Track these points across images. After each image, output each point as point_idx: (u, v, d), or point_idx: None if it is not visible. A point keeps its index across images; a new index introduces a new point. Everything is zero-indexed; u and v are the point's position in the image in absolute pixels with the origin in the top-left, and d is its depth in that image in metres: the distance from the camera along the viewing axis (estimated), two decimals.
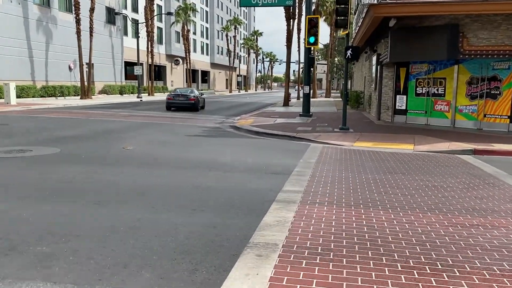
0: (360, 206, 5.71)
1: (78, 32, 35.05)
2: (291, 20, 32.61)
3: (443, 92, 16.86)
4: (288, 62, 33.45)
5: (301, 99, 47.72)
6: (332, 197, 6.12)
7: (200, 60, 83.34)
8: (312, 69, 24.31)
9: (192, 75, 79.79)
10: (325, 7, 52.22)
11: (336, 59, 67.92)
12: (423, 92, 17.45)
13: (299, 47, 50.47)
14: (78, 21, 34.96)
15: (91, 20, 36.59)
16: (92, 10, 36.38)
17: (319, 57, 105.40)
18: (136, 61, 51.78)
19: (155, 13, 52.96)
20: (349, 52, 14.30)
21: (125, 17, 49.11)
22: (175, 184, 6.88)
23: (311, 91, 55.98)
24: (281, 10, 30.26)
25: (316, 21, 19.72)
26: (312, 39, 19.76)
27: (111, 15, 47.64)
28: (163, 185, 6.77)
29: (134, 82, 55.20)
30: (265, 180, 7.23)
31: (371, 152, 11.18)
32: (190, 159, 9.24)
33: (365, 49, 26.96)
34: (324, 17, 58.03)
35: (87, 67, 38.58)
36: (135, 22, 43.76)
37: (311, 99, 48.96)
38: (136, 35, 42.34)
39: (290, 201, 5.76)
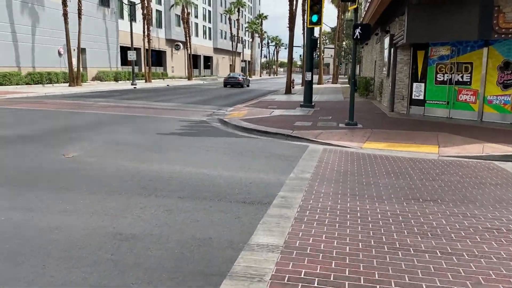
0: None
1: (65, 14, 32.53)
2: (294, 0, 29.82)
3: (468, 80, 14.24)
4: (291, 46, 30.76)
5: None
6: (328, 266, 3.71)
7: (202, 45, 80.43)
8: (315, 52, 21.67)
9: (194, 61, 77.15)
10: None
11: (344, 42, 64.79)
12: (445, 79, 14.84)
13: (304, 29, 47.53)
14: (64, 2, 32.41)
15: (79, 1, 34.02)
16: None
17: (327, 41, 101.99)
18: (134, 46, 49.32)
19: None
20: (357, 31, 11.72)
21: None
22: (79, 232, 4.44)
23: (317, 77, 53.33)
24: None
25: None
26: (314, 18, 17.13)
27: None
28: (62, 234, 4.38)
29: (130, 67, 52.81)
30: (228, 219, 4.80)
31: (385, 158, 8.71)
32: (140, 173, 6.85)
33: (376, 31, 24.27)
34: None
35: (78, 52, 36.20)
36: (130, 4, 41.07)
37: (316, 86, 46.44)
38: (130, 17, 39.72)
39: (255, 277, 3.35)
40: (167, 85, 43.88)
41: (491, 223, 4.75)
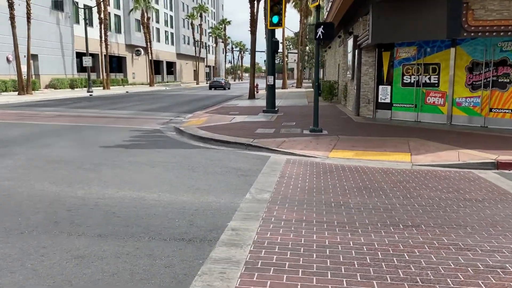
0: None
1: (12, 18, 30.33)
2: (255, 2, 28.93)
3: (436, 81, 13.62)
4: (253, 50, 29.79)
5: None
6: None
7: (164, 51, 78.51)
8: (278, 57, 20.76)
9: (157, 66, 75.19)
10: None
11: (307, 47, 64.65)
12: (412, 81, 14.18)
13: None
14: (11, 5, 30.23)
15: (28, 4, 31.92)
16: None
17: (290, 46, 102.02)
18: (91, 52, 47.17)
19: None
20: (320, 30, 10.79)
21: (75, 3, 44.22)
22: None
23: (280, 81, 52.68)
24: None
25: None
26: (275, 19, 16.23)
27: (58, 0, 42.76)
28: None
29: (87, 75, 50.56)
30: (155, 270, 3.60)
31: (355, 169, 7.76)
32: (60, 200, 5.59)
33: (339, 33, 23.66)
34: (293, 3, 54.60)
35: (27, 58, 33.99)
36: (85, 8, 39.06)
37: (281, 90, 45.72)
38: (85, 21, 37.72)
39: None
40: (126, 91, 42.07)
41: (492, 258, 3.80)
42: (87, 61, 36.97)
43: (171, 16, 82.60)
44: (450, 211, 5.26)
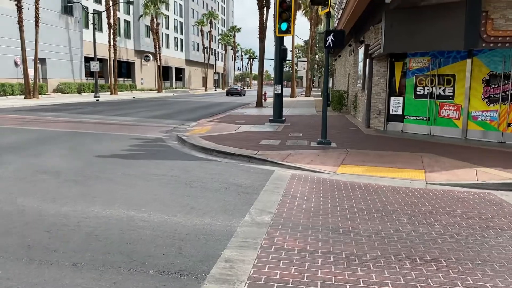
0: None
1: (20, 22, 30.31)
2: (264, 9, 28.54)
3: (451, 94, 13.02)
4: (262, 57, 29.36)
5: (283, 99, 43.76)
6: None
7: (173, 57, 78.54)
8: (286, 65, 20.29)
9: (165, 72, 75.20)
10: None
11: (317, 55, 64.17)
12: (425, 93, 13.59)
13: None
14: (19, 9, 30.22)
15: (36, 8, 31.85)
16: None
17: (300, 54, 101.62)
18: (99, 57, 47.14)
19: (117, 2, 48.24)
20: (330, 38, 10.28)
21: (85, 8, 44.22)
22: None
23: (289, 90, 52.09)
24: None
25: (289, 3, 15.71)
26: (284, 26, 15.76)
27: (68, 4, 42.80)
28: None
29: (98, 79, 50.52)
30: None
31: (364, 187, 7.19)
32: (41, 219, 5.11)
33: (349, 42, 23.16)
34: (303, 11, 54.22)
35: (38, 62, 33.89)
36: (93, 12, 38.99)
37: (289, 99, 45.17)
38: (93, 25, 37.62)
39: None
40: (134, 97, 41.85)
41: None
42: (95, 66, 36.80)
43: (180, 23, 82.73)
44: (473, 242, 4.67)
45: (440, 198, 6.65)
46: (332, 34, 10.34)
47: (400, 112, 14.34)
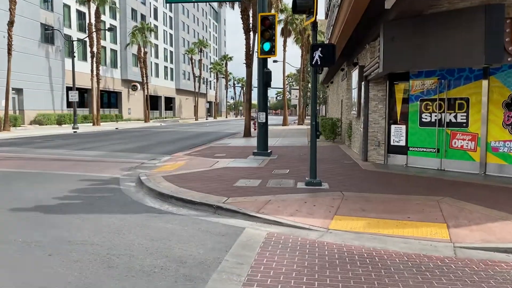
0: None
1: None
2: (251, 33, 26.81)
3: (464, 120, 10.91)
4: (249, 84, 27.44)
5: (270, 128, 41.66)
6: None
7: (163, 86, 76.95)
8: (269, 89, 18.27)
9: (155, 102, 73.50)
10: (294, 25, 46.90)
11: (309, 84, 62.65)
12: (433, 120, 11.48)
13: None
14: None
15: (9, 35, 29.94)
16: (11, 23, 29.78)
17: (293, 83, 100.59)
18: (83, 86, 45.23)
19: (102, 32, 46.69)
20: (317, 53, 8.19)
21: (63, 36, 42.49)
22: None
23: (279, 118, 50.07)
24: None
25: (272, 20, 13.79)
26: (267, 46, 13.78)
27: (48, 33, 41.11)
28: None
29: (81, 110, 48.53)
30: None
31: (368, 257, 4.94)
32: None
33: (342, 66, 21.28)
34: (294, 38, 52.92)
35: (13, 92, 31.88)
36: (71, 40, 37.16)
37: (281, 127, 43.14)
38: (71, 54, 35.75)
39: None
40: (116, 128, 39.67)
41: None
42: (73, 96, 34.73)
43: (171, 52, 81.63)
44: None
45: (479, 275, 4.40)
46: (320, 48, 8.25)
47: (403, 143, 12.19)
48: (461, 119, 10.94)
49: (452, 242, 5.67)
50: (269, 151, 15.31)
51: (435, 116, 11.40)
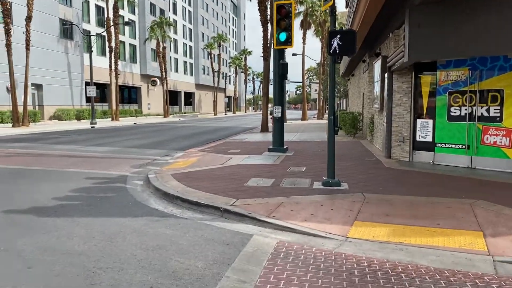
0: None
1: (8, 45, 28.34)
2: (268, 25, 26.02)
3: (498, 114, 9.99)
4: (267, 77, 26.71)
5: (289, 122, 40.84)
6: None
7: (183, 81, 76.79)
8: (285, 82, 17.59)
9: (174, 97, 73.43)
10: (314, 17, 45.79)
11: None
12: (462, 114, 10.58)
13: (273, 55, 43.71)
14: (7, 32, 28.30)
15: (27, 31, 29.89)
16: (28, 19, 29.70)
17: (313, 77, 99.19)
18: (102, 82, 45.27)
19: (120, 27, 46.56)
20: (335, 41, 7.44)
21: (81, 30, 42.46)
22: None
23: (299, 112, 49.15)
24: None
25: (289, 9, 13.03)
26: (283, 36, 13.04)
27: (68, 28, 41.15)
28: None
29: (100, 105, 48.66)
30: None
31: (394, 273, 4.21)
32: None
33: (363, 57, 20.38)
34: (314, 30, 51.77)
35: (32, 88, 31.99)
36: (89, 35, 37.01)
37: (300, 122, 42.26)
38: (89, 49, 35.63)
39: None
40: (134, 123, 39.49)
41: None
42: (91, 91, 34.61)
43: (190, 46, 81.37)
44: None
45: None
46: (339, 35, 7.49)
47: (429, 139, 11.31)
48: (494, 112, 10.00)
49: (490, 254, 4.90)
50: (285, 147, 14.60)
51: (465, 109, 10.48)
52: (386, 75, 12.39)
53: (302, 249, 5.03)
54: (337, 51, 7.56)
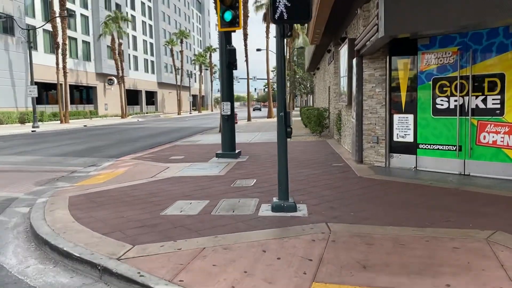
0: None
1: None
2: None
3: (498, 106, 7.79)
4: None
5: (253, 120, 38.38)
6: None
7: (143, 79, 73.13)
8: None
9: (135, 96, 69.85)
10: None
11: (297, 75, 59.49)
12: (451, 106, 8.34)
13: (246, 57, 41.22)
14: None
15: None
16: None
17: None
18: (51, 81, 41.59)
19: (72, 22, 42.94)
20: (281, 2, 5.02)
21: (31, 27, 38.60)
22: None
23: (265, 110, 46.73)
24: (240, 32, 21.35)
25: None
26: (228, 15, 10.56)
27: (8, 23, 37.29)
28: None
29: (50, 107, 44.87)
30: None
31: None
32: None
33: (328, 47, 18.20)
34: None
35: None
36: (27, 28, 33.28)
37: (265, 120, 39.85)
38: (28, 44, 32.02)
39: None
40: (84, 125, 36.14)
41: None
42: (32, 92, 31.14)
43: (151, 43, 77.77)
44: None
45: None
46: None
47: (410, 139, 9.05)
48: (493, 104, 7.80)
49: None
50: (237, 151, 12.09)
51: (455, 101, 8.25)
52: (354, 61, 10.07)
53: None
54: (285, 17, 5.09)
